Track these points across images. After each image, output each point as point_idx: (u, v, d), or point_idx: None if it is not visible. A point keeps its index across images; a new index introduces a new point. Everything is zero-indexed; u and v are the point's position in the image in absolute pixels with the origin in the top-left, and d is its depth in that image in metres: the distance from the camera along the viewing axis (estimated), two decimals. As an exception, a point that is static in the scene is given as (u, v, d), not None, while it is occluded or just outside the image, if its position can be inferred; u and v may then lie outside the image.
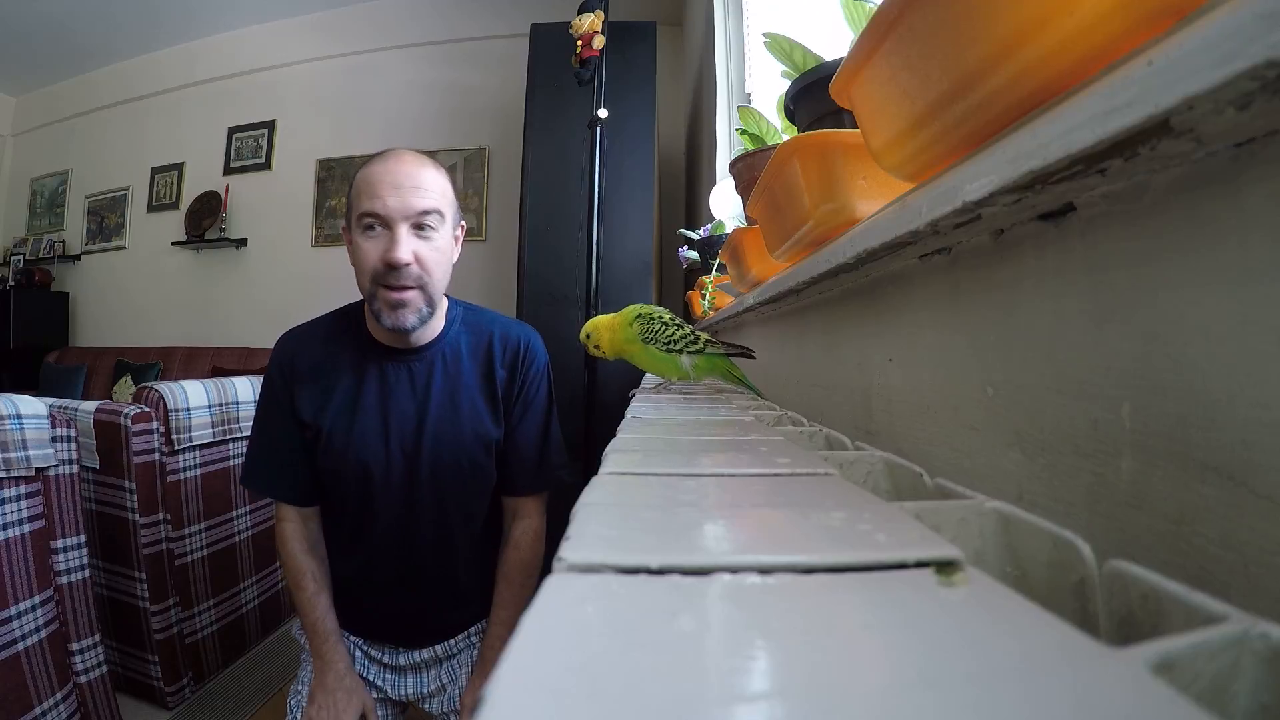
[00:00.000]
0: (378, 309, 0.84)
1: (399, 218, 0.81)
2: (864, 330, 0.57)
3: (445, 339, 0.94)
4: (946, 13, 0.30)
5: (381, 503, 0.92)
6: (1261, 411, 0.20)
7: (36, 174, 4.70)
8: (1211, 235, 0.22)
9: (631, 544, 0.19)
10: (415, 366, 0.93)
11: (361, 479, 0.91)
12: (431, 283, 0.86)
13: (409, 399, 0.91)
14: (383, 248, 0.82)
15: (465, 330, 0.97)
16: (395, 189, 0.81)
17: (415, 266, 0.83)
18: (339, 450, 0.91)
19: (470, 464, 0.92)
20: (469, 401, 0.93)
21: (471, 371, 0.94)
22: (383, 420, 0.90)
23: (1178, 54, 0.18)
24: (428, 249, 0.84)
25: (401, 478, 0.91)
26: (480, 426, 0.93)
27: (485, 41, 3.88)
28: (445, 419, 0.91)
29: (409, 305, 0.84)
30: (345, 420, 0.91)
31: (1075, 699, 0.11)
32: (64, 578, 1.31)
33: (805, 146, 0.54)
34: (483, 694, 0.11)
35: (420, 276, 0.84)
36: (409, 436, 0.91)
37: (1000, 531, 0.25)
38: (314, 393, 0.92)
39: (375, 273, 0.82)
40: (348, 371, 0.92)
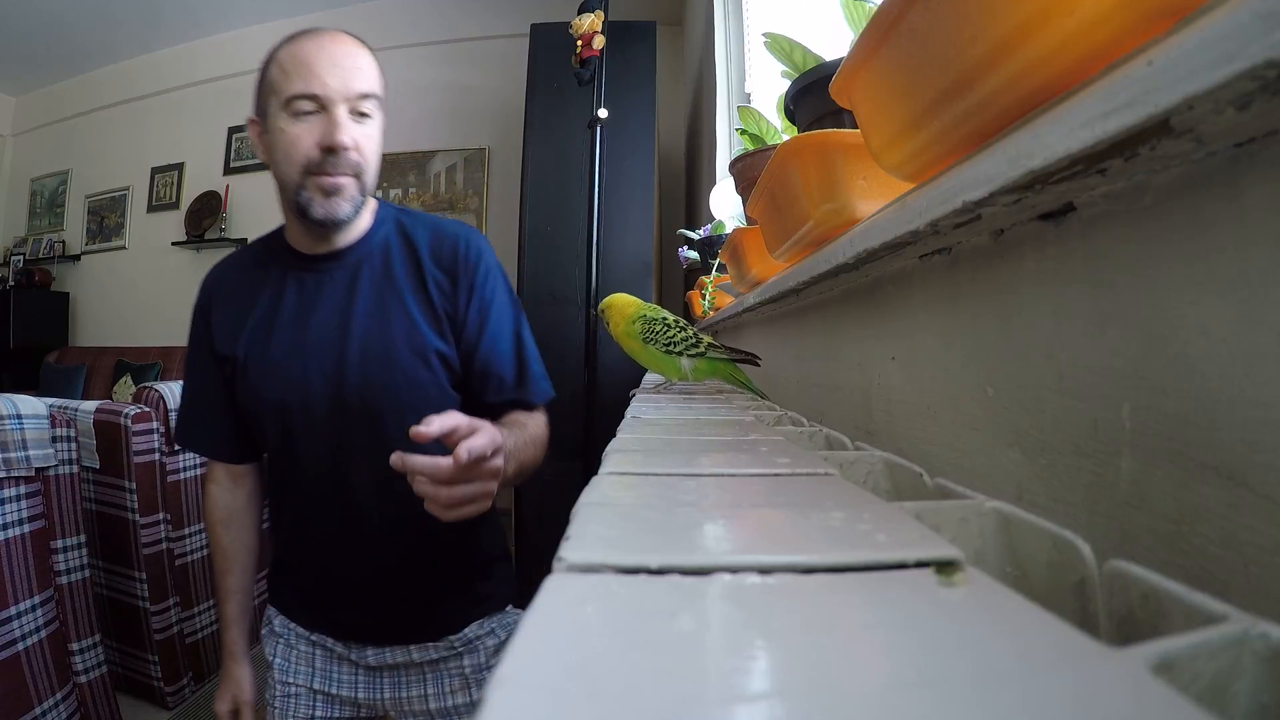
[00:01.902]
0: (307, 200, 0.74)
1: (339, 98, 0.73)
2: (864, 330, 0.57)
3: (373, 239, 0.82)
4: (947, 12, 0.30)
5: (305, 438, 0.79)
6: (1261, 411, 0.20)
7: (36, 174, 4.70)
8: (1211, 235, 0.22)
9: (631, 544, 0.19)
10: (337, 273, 0.81)
11: (280, 411, 0.79)
12: (367, 173, 0.77)
13: (331, 310, 0.79)
14: (319, 132, 0.72)
15: (395, 231, 0.84)
16: (334, 67, 0.73)
17: (354, 153, 0.74)
18: (254, 381, 0.80)
19: (407, 381, 0.79)
20: (399, 307, 0.80)
21: (403, 274, 0.82)
22: (300, 339, 0.79)
23: (1178, 54, 0.18)
24: (365, 136, 0.76)
25: (326, 405, 0.78)
26: (415, 335, 0.79)
27: (485, 41, 3.88)
28: (373, 329, 0.79)
29: (344, 192, 0.75)
30: (260, 345, 0.80)
31: (1075, 699, 0.11)
32: (64, 578, 1.31)
33: (805, 146, 0.54)
34: (483, 694, 0.11)
35: (358, 165, 0.75)
36: (331, 353, 0.78)
37: (1000, 531, 0.25)
38: (230, 322, 0.82)
39: (308, 161, 0.73)
40: (266, 292, 0.82)
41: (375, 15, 4.03)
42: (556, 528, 0.20)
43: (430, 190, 3.93)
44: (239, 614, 0.89)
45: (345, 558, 0.82)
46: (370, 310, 0.79)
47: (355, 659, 0.85)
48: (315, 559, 0.84)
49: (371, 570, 0.82)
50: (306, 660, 0.87)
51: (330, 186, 0.74)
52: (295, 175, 0.74)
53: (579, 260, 2.18)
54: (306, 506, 0.83)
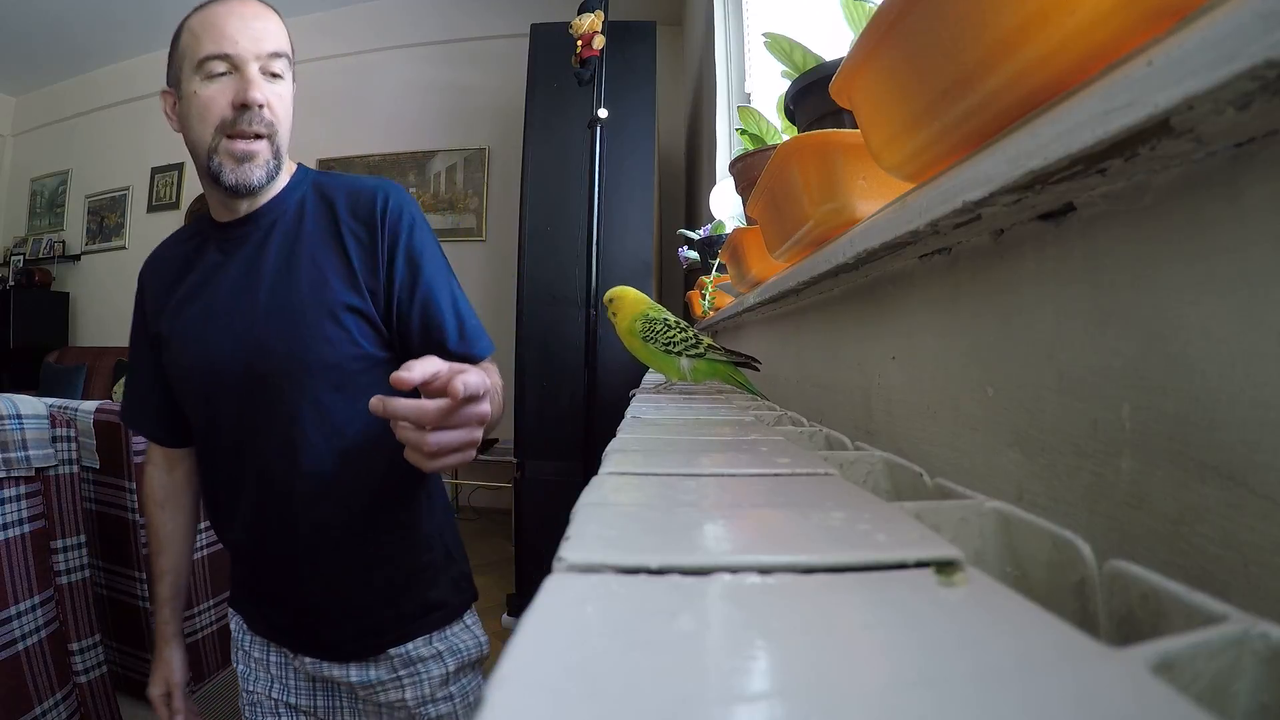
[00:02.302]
0: (218, 166, 0.73)
1: (250, 57, 0.72)
2: (864, 330, 0.57)
3: (287, 200, 0.80)
4: (947, 12, 0.30)
5: (220, 409, 0.77)
6: (1261, 411, 0.20)
7: (36, 174, 4.70)
8: (1212, 235, 0.22)
9: (631, 544, 0.19)
10: (252, 235, 0.79)
11: (195, 381, 0.78)
12: (280, 133, 0.76)
13: (239, 272, 0.77)
14: (232, 90, 0.71)
15: (311, 191, 0.82)
16: (244, 27, 0.72)
17: (267, 110, 0.73)
18: (175, 354, 0.79)
19: (314, 338, 0.74)
20: (309, 261, 0.77)
21: (314, 231, 0.78)
22: (211, 304, 0.77)
23: (1178, 54, 0.18)
24: (277, 95, 0.75)
25: (238, 369, 0.75)
26: (323, 290, 0.75)
27: (485, 41, 3.88)
28: (280, 286, 0.76)
29: (256, 157, 0.74)
30: (180, 315, 0.79)
31: (1075, 699, 0.11)
32: (64, 578, 1.31)
33: (805, 146, 0.54)
34: (483, 694, 0.11)
35: (271, 123, 0.74)
36: (238, 315, 0.76)
37: (1000, 531, 0.25)
38: (159, 301, 0.82)
39: (222, 121, 0.72)
40: (189, 266, 0.81)
41: (375, 15, 4.03)
42: (556, 528, 0.20)
43: (430, 190, 3.93)
44: (171, 595, 0.89)
45: (268, 544, 0.78)
46: (277, 267, 0.77)
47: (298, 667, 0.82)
48: (242, 548, 0.82)
49: (297, 558, 0.77)
50: (263, 667, 0.85)
51: (242, 152, 0.73)
52: (208, 137, 0.73)
53: (579, 260, 2.19)
54: (228, 486, 0.80)
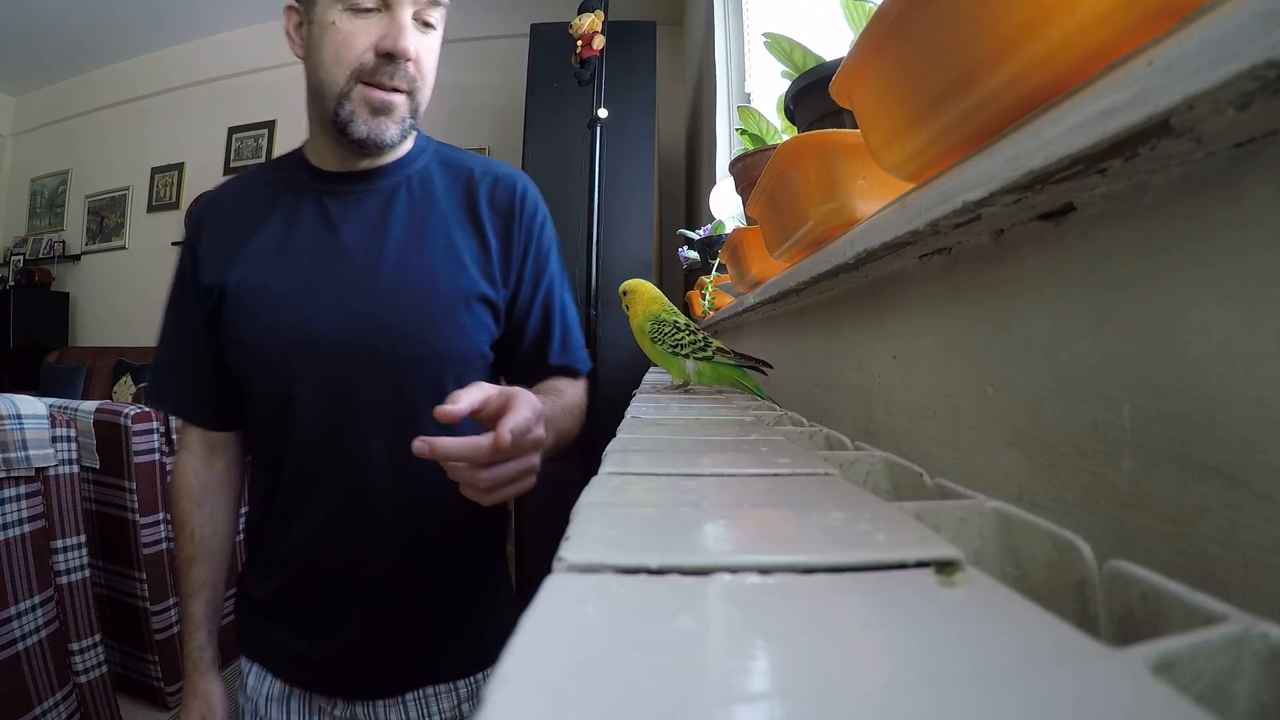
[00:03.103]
0: (348, 114, 0.63)
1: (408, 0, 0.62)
2: (864, 330, 0.57)
3: (412, 164, 0.71)
4: (947, 12, 0.30)
5: (307, 391, 0.65)
6: (1261, 411, 0.20)
7: (36, 174, 4.70)
8: (1212, 236, 0.22)
9: (631, 544, 0.19)
10: (368, 197, 0.68)
11: (277, 354, 0.65)
12: (422, 91, 0.66)
13: (358, 236, 0.67)
14: (379, 32, 0.61)
15: (437, 162, 0.73)
16: None
17: (414, 65, 0.64)
18: (247, 316, 0.65)
19: (446, 323, 0.66)
20: (443, 238, 0.68)
21: (448, 208, 0.70)
22: (315, 268, 0.66)
23: (1178, 54, 0.18)
24: (427, 48, 0.65)
25: (339, 348, 0.64)
26: (460, 273, 0.67)
27: (485, 41, 3.88)
28: (410, 260, 0.66)
29: (395, 111, 0.64)
30: (260, 274, 0.66)
31: (1075, 699, 0.11)
32: (64, 578, 1.31)
33: (805, 146, 0.54)
34: (483, 694, 0.11)
35: (415, 80, 0.64)
36: (354, 286, 0.65)
37: (1000, 531, 0.25)
38: (221, 249, 0.68)
39: (361, 65, 0.62)
40: (275, 215, 0.68)
41: (375, 15, 4.02)
42: (556, 528, 0.20)
43: (430, 190, 3.93)
44: (208, 614, 0.73)
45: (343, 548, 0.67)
46: (408, 239, 0.67)
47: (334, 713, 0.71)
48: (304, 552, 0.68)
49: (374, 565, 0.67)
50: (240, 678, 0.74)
51: (380, 103, 0.63)
52: (341, 81, 0.62)
53: (579, 260, 2.18)
54: (298, 480, 0.67)
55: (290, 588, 0.70)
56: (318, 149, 0.70)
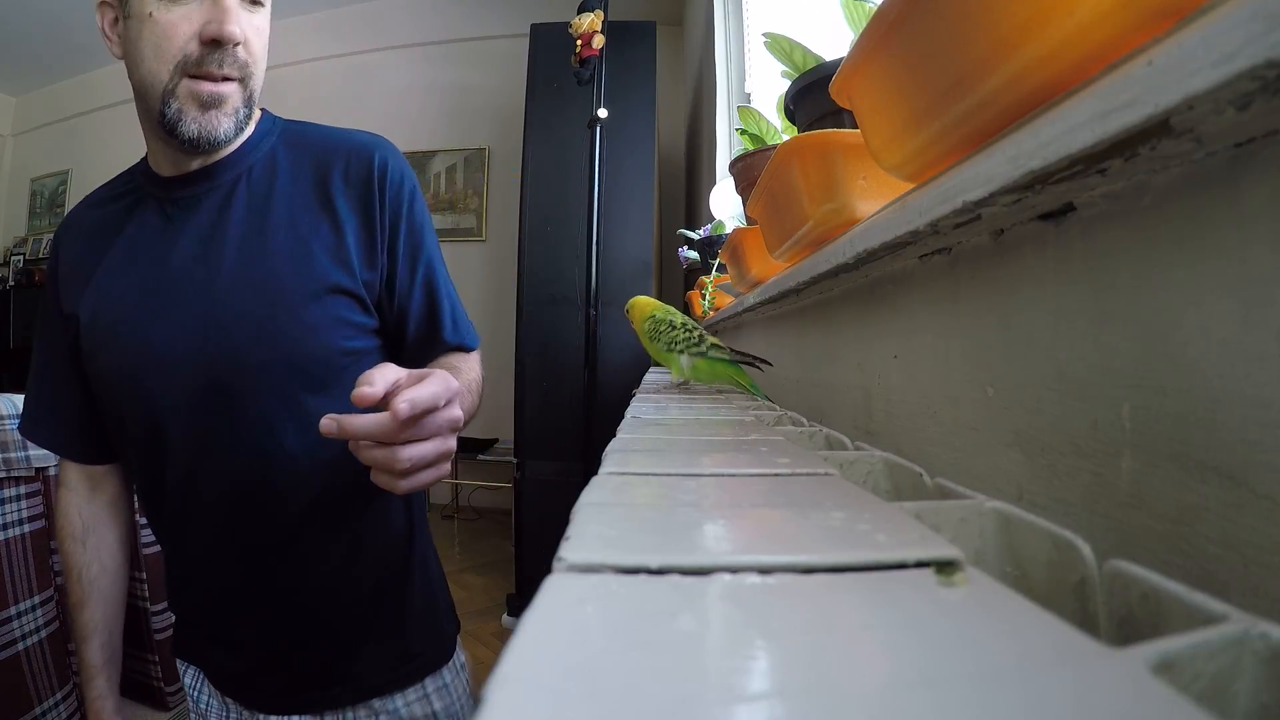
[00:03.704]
0: (176, 113, 0.57)
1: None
2: (864, 330, 0.57)
3: (254, 152, 0.65)
4: (947, 12, 0.30)
5: (168, 412, 0.61)
6: (1261, 411, 0.20)
7: (36, 174, 4.70)
8: (1211, 235, 0.22)
9: (631, 544, 0.19)
10: (206, 198, 0.63)
11: (132, 379, 0.61)
12: (255, 76, 0.61)
13: (193, 240, 0.61)
14: (201, 18, 0.56)
15: (282, 143, 0.67)
16: None
17: (244, 49, 0.58)
18: (103, 342, 0.62)
19: (296, 324, 0.60)
20: (286, 228, 0.62)
21: (291, 193, 0.64)
22: (157, 281, 0.61)
23: (1178, 54, 0.18)
24: (256, 29, 0.59)
25: (190, 365, 0.60)
26: (307, 264, 0.61)
27: (485, 41, 3.88)
28: (248, 260, 0.61)
29: (225, 102, 0.58)
30: (110, 296, 0.62)
31: (1075, 699, 0.11)
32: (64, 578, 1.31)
33: (805, 146, 0.54)
34: (483, 694, 0.11)
35: (246, 65, 0.59)
36: (192, 295, 0.60)
37: (1000, 531, 0.25)
38: (77, 273, 0.64)
39: (186, 57, 0.56)
40: (122, 231, 0.64)
41: (375, 15, 4.03)
42: (556, 528, 0.20)
43: (430, 190, 3.93)
44: (105, 658, 0.67)
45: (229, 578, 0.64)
46: (245, 235, 0.61)
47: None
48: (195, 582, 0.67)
49: (264, 596, 0.64)
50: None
51: (210, 95, 0.57)
52: (165, 76, 0.56)
53: (579, 260, 2.19)
54: (178, 512, 0.65)
55: (198, 604, 0.68)
56: (154, 154, 0.64)
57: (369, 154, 0.66)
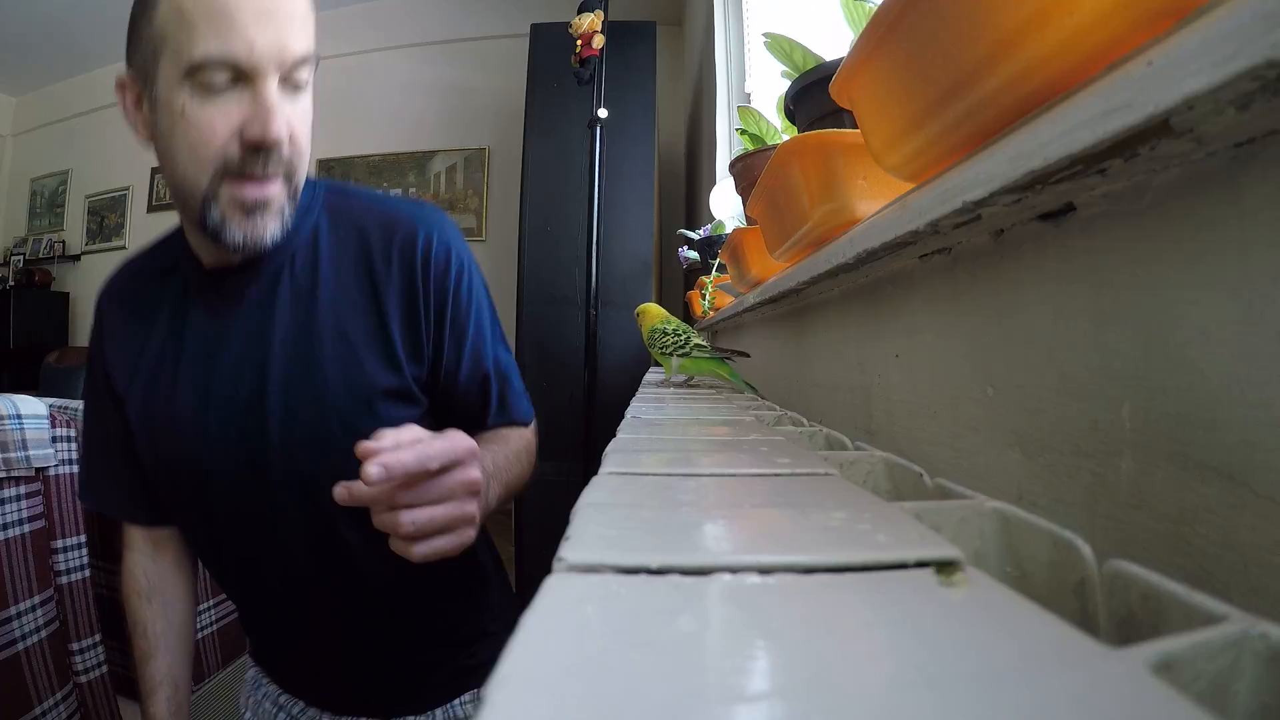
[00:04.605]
0: (219, 219, 0.54)
1: (271, 66, 0.50)
2: (864, 330, 0.57)
3: (296, 237, 0.61)
4: (947, 13, 0.30)
5: (225, 511, 0.62)
6: (1261, 411, 0.20)
7: (36, 174, 4.70)
8: (1211, 236, 0.22)
9: (631, 544, 0.19)
10: (251, 290, 0.60)
11: (190, 476, 0.62)
12: (300, 168, 0.57)
13: (243, 343, 0.60)
14: (240, 117, 0.51)
15: (327, 221, 0.63)
16: (263, 16, 0.49)
17: (288, 145, 0.54)
18: (155, 437, 0.62)
19: (346, 432, 0.57)
20: (333, 330, 0.60)
21: (336, 283, 0.61)
22: (207, 384, 0.60)
23: (1178, 54, 0.18)
24: (300, 118, 0.55)
25: (246, 470, 0.60)
26: (355, 371, 0.59)
27: (485, 41, 3.88)
28: (297, 366, 0.59)
29: (271, 206, 0.55)
30: (160, 390, 0.61)
31: (1075, 699, 0.11)
32: (64, 578, 1.31)
33: (805, 146, 0.54)
34: (483, 694, 0.11)
35: (290, 161, 0.55)
36: (245, 404, 0.59)
37: (1000, 531, 0.25)
38: (125, 352, 0.63)
39: (226, 161, 0.51)
40: (164, 314, 0.62)
41: (375, 15, 4.03)
42: (556, 528, 0.20)
43: (430, 190, 3.93)
44: (169, 713, 0.66)
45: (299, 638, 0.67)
46: (294, 338, 0.60)
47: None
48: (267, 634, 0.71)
49: (331, 649, 0.67)
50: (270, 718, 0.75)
51: (254, 201, 0.53)
52: (203, 182, 0.52)
53: (579, 260, 2.19)
54: (240, 588, 0.67)
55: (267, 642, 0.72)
56: (195, 240, 0.61)
57: (413, 232, 0.62)
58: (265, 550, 0.63)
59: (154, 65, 0.51)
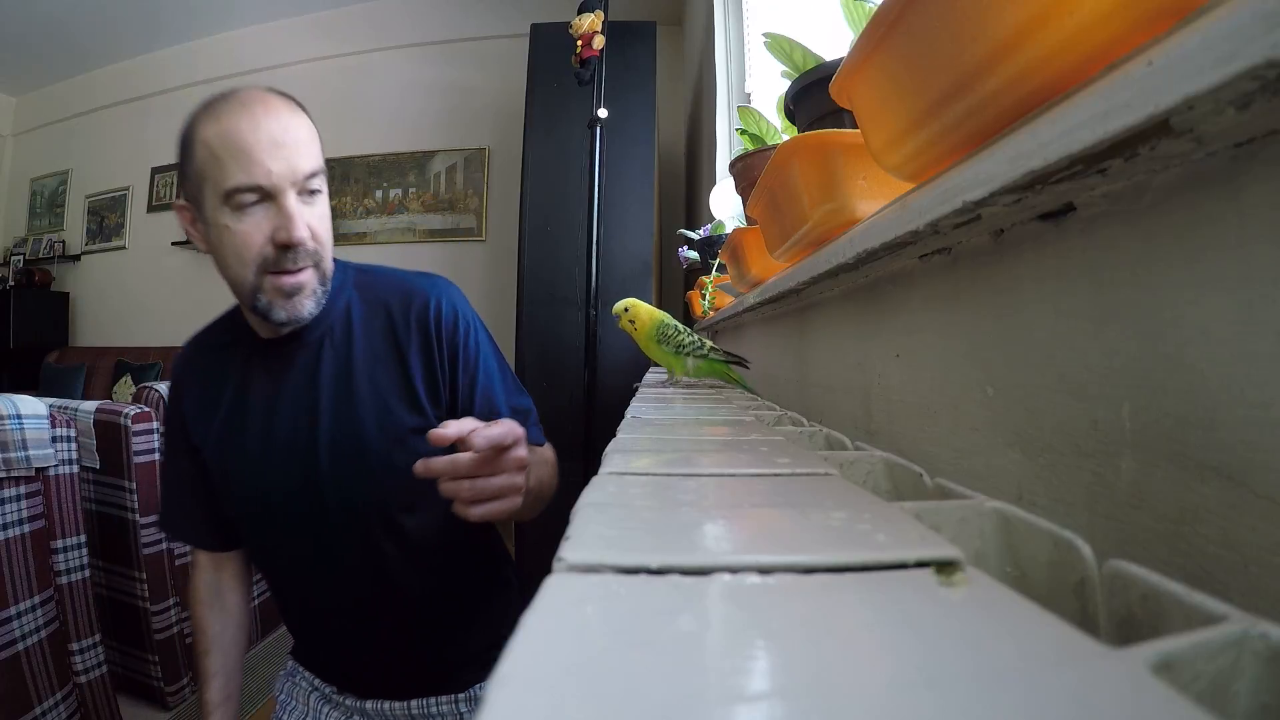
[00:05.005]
0: (266, 304, 0.69)
1: (287, 184, 0.65)
2: (864, 330, 0.57)
3: (333, 311, 0.76)
4: (947, 13, 0.30)
5: (287, 541, 0.77)
6: (1261, 411, 0.20)
7: (36, 174, 4.70)
8: (1211, 235, 0.22)
9: (631, 544, 0.19)
10: (299, 356, 0.75)
11: (256, 511, 0.77)
12: (325, 257, 0.72)
13: (294, 402, 0.75)
14: (270, 226, 0.66)
15: (356, 296, 0.79)
16: (276, 148, 0.64)
17: (312, 241, 0.68)
18: (226, 479, 0.77)
19: (383, 469, 0.73)
20: (367, 385, 0.75)
21: (367, 346, 0.76)
22: (267, 434, 0.75)
23: (1178, 54, 0.18)
24: (318, 218, 0.70)
25: (304, 507, 0.74)
26: (386, 416, 0.74)
27: (485, 41, 3.88)
28: (340, 417, 0.74)
29: (304, 289, 0.69)
30: (230, 443, 0.76)
31: (1075, 699, 0.11)
32: (64, 578, 1.31)
33: (805, 146, 0.54)
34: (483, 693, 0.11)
35: (315, 252, 0.69)
36: (300, 452, 0.74)
37: (1000, 531, 0.25)
38: (200, 409, 0.79)
39: (264, 259, 0.66)
40: (231, 379, 0.78)
41: (375, 15, 4.03)
42: (556, 528, 0.20)
43: (430, 190, 3.93)
44: (221, 699, 0.80)
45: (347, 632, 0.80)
46: (336, 394, 0.74)
47: (350, 705, 0.83)
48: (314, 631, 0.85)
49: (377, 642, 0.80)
50: (303, 699, 0.86)
51: (290, 287, 0.68)
52: (250, 276, 0.67)
53: (579, 260, 2.18)
54: (296, 593, 0.82)
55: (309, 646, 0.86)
56: (251, 319, 0.76)
57: (426, 299, 0.78)
58: (318, 564, 0.77)
59: (200, 194, 0.66)
